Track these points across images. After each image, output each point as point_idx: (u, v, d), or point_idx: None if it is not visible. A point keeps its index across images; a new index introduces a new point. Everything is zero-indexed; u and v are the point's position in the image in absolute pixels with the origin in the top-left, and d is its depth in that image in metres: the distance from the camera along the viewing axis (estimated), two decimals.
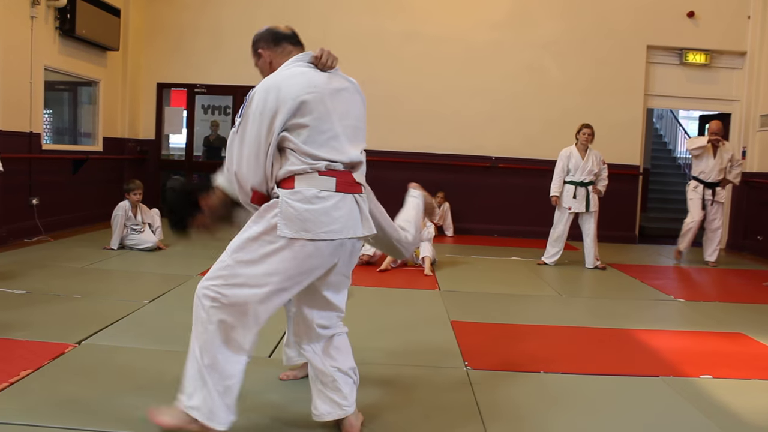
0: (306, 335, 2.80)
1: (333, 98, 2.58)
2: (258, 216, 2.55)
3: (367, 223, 2.66)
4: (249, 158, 2.53)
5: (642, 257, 8.76)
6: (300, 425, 2.87)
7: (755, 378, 3.79)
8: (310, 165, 2.51)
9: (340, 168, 2.57)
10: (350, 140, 2.61)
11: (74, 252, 6.81)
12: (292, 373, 3.45)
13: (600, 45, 9.97)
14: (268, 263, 2.49)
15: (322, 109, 2.53)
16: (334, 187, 2.53)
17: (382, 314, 4.92)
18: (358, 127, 2.69)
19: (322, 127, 2.53)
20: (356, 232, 2.59)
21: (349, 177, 2.60)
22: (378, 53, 9.99)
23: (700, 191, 8.03)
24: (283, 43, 2.83)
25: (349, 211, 2.57)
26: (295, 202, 2.48)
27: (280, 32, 2.88)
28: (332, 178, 2.54)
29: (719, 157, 7.93)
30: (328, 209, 2.51)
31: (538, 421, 3.06)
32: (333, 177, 2.54)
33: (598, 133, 7.62)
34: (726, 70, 10.12)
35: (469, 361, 3.82)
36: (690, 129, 14.68)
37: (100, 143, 9.35)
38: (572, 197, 7.45)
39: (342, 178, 2.56)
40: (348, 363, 2.80)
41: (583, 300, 6.05)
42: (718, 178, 7.98)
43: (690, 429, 3.03)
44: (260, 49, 2.87)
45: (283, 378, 3.41)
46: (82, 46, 8.62)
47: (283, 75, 2.61)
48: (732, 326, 5.04)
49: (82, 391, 3.08)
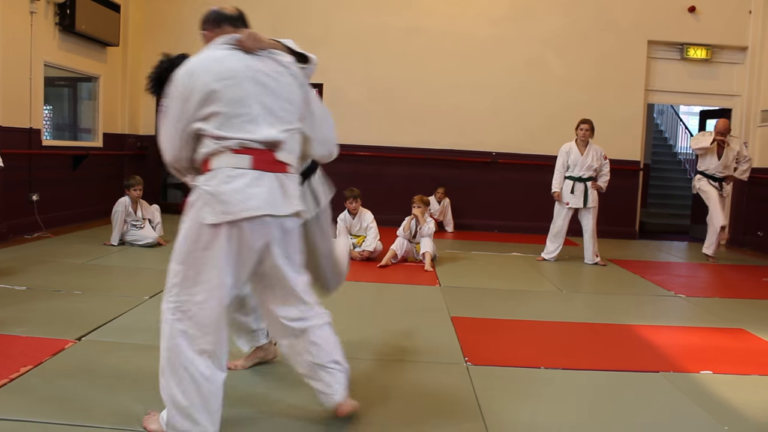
0: (277, 332, 2.76)
1: (254, 82, 2.55)
2: (185, 213, 2.57)
3: (291, 201, 2.59)
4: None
5: (642, 253, 8.76)
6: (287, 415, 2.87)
7: (755, 373, 3.79)
8: (222, 144, 2.49)
9: (257, 146, 2.52)
10: (269, 121, 2.56)
11: (74, 248, 6.81)
12: (239, 362, 3.45)
13: (601, 40, 9.95)
14: (204, 258, 2.48)
15: (238, 93, 2.51)
16: (248, 165, 2.50)
17: (382, 310, 4.92)
18: (287, 108, 2.63)
19: (237, 111, 2.50)
20: (278, 210, 2.53)
21: (268, 156, 2.54)
22: (379, 49, 9.98)
23: (706, 182, 8.07)
24: (224, 25, 2.73)
25: (268, 188, 2.52)
26: (211, 185, 2.48)
27: (222, 13, 2.77)
28: (247, 156, 2.50)
29: (725, 156, 7.96)
30: (243, 187, 2.47)
31: (538, 417, 3.06)
32: (248, 155, 2.50)
33: (599, 128, 7.60)
34: (727, 65, 10.10)
35: (469, 357, 3.82)
36: (691, 124, 14.66)
37: (100, 139, 9.34)
38: (570, 192, 7.44)
39: (259, 156, 2.52)
40: (328, 357, 2.74)
41: (584, 296, 6.05)
42: (724, 174, 8.02)
43: (690, 424, 3.03)
44: (204, 30, 2.79)
45: (230, 367, 3.29)
46: (81, 42, 8.61)
47: (201, 59, 2.58)
48: (732, 322, 5.03)
49: (82, 388, 3.07)
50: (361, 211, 7.04)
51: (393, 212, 8.47)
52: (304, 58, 2.80)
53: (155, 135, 10.19)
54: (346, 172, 10.00)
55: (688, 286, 6.50)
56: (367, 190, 7.18)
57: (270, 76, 2.61)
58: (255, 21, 2.99)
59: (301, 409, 2.96)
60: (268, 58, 2.66)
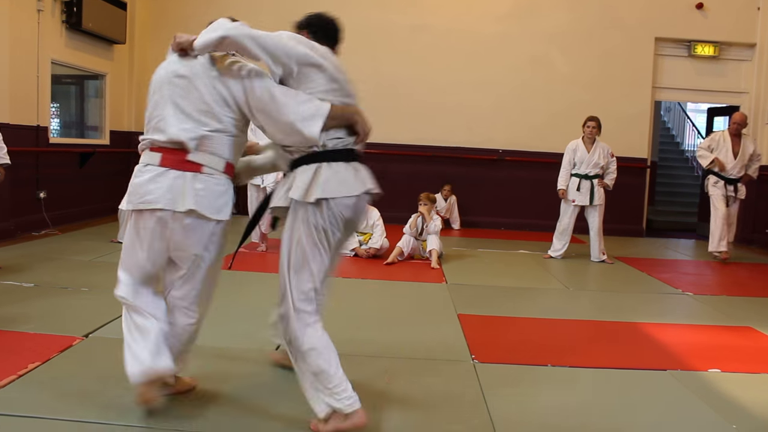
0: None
1: (171, 85, 2.74)
2: None
3: (189, 200, 2.67)
4: None
5: (649, 250, 8.73)
6: None
7: (763, 372, 3.78)
8: (143, 143, 2.78)
9: (167, 146, 2.69)
10: (179, 121, 2.69)
11: (82, 245, 6.83)
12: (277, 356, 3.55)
13: (607, 37, 9.92)
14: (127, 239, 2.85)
15: (157, 97, 2.77)
16: (158, 162, 2.69)
17: (389, 307, 4.92)
18: (203, 109, 2.70)
19: (155, 112, 2.75)
20: (174, 206, 2.66)
21: (179, 155, 2.68)
22: (385, 46, 9.97)
23: (721, 186, 7.77)
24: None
25: (168, 185, 2.66)
26: (133, 177, 2.77)
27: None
28: (157, 154, 2.70)
29: (741, 154, 7.70)
30: (145, 181, 2.69)
31: (545, 414, 3.06)
32: (158, 153, 2.71)
33: (605, 125, 7.58)
34: (735, 62, 10.04)
35: (476, 355, 3.81)
36: (698, 122, 14.60)
37: (107, 137, 9.37)
38: (576, 190, 7.42)
39: (169, 154, 2.69)
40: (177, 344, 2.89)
41: (590, 293, 6.04)
42: (739, 174, 7.77)
43: (698, 423, 3.02)
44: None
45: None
46: (88, 40, 8.63)
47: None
48: (740, 320, 5.02)
49: (90, 384, 3.09)
50: (367, 208, 7.01)
51: (399, 209, 8.46)
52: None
53: None
54: None
55: (696, 284, 6.48)
56: None
57: (186, 78, 2.73)
58: (260, 19, 3.01)
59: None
60: (191, 62, 2.78)
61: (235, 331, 4.10)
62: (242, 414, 2.88)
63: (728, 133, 7.81)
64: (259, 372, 3.42)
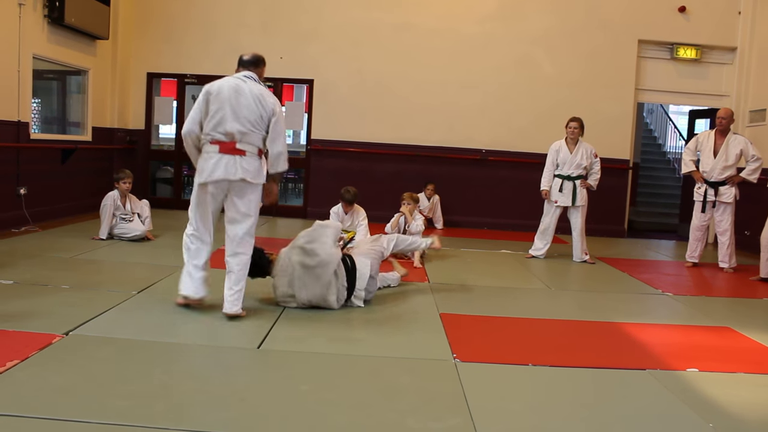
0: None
1: (231, 97, 4.23)
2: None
3: (240, 172, 4.22)
4: None
5: (631, 251, 8.81)
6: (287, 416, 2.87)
7: (741, 371, 3.82)
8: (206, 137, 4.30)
9: (223, 139, 4.23)
10: (233, 121, 4.20)
11: (62, 242, 6.77)
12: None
13: (591, 38, 9.99)
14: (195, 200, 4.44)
15: (219, 104, 4.23)
16: (217, 150, 4.24)
17: (370, 306, 4.92)
18: (246, 116, 4.23)
19: (217, 114, 4.23)
20: (231, 177, 4.23)
21: (230, 144, 4.23)
22: (369, 45, 9.98)
23: (702, 192, 7.44)
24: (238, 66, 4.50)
25: (225, 164, 4.22)
26: (201, 161, 4.35)
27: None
28: (216, 145, 4.25)
29: (723, 154, 7.26)
30: (212, 164, 4.25)
31: (525, 413, 3.08)
32: (217, 144, 4.25)
33: (589, 127, 7.63)
34: (716, 65, 10.16)
35: (457, 354, 3.83)
36: (680, 124, 14.73)
37: (89, 133, 9.28)
38: (559, 191, 7.47)
39: (224, 145, 4.24)
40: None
41: (572, 293, 6.08)
42: (721, 177, 7.30)
43: (676, 422, 3.05)
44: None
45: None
46: (71, 35, 8.55)
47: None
48: (719, 320, 5.08)
49: (70, 382, 3.06)
50: (355, 207, 7.03)
51: (382, 209, 8.48)
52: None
53: (144, 129, 10.17)
54: (336, 168, 10.03)
55: (676, 285, 6.54)
56: (356, 186, 7.16)
57: (243, 94, 4.25)
58: (246, 17, 2.99)
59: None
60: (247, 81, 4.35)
61: (222, 328, 4.08)
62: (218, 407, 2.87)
63: (715, 132, 7.43)
64: (239, 368, 3.41)
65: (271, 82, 10.28)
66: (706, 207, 7.45)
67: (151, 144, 10.66)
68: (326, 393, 3.13)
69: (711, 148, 7.40)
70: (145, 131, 10.45)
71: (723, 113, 7.38)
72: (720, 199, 7.37)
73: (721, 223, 7.41)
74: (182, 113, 10.58)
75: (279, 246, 4.97)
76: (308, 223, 5.22)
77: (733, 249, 7.46)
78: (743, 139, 7.39)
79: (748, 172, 7.28)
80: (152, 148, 10.67)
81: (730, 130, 7.41)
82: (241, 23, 9.96)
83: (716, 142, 7.38)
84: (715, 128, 7.47)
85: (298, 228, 9.33)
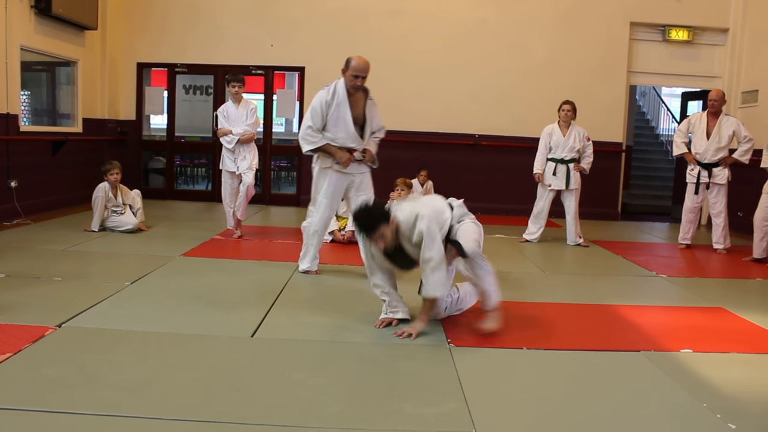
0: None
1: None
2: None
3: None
4: None
5: (624, 234, 8.82)
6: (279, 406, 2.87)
7: (734, 351, 3.83)
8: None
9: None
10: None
11: (54, 234, 6.74)
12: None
13: (583, 21, 9.95)
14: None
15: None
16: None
17: (364, 292, 4.91)
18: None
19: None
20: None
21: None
22: (361, 31, 9.89)
23: (695, 173, 7.42)
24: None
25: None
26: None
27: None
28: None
29: (716, 135, 7.23)
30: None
31: (520, 397, 3.08)
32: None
33: (581, 110, 7.61)
34: (708, 46, 10.13)
35: (451, 338, 3.83)
36: (673, 106, 14.73)
37: (80, 124, 9.23)
38: (552, 174, 7.46)
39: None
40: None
41: (566, 276, 6.09)
42: (715, 158, 7.28)
43: (670, 402, 3.06)
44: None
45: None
46: (58, 25, 8.47)
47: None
48: (712, 301, 5.09)
49: (63, 374, 3.05)
50: None
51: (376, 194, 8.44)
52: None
53: (135, 119, 10.11)
54: None
55: (670, 267, 6.55)
56: None
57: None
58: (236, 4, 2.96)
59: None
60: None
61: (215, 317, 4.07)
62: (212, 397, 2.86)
63: (707, 114, 7.39)
64: (233, 357, 3.41)
65: (262, 70, 10.23)
66: (699, 189, 7.44)
67: (143, 134, 10.60)
68: (321, 380, 3.13)
69: (704, 129, 7.37)
70: (136, 122, 10.38)
71: (714, 95, 7.35)
72: (714, 180, 7.35)
73: (716, 204, 7.40)
74: (173, 103, 10.53)
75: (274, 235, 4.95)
76: (301, 210, 5.21)
77: (728, 230, 7.47)
78: (735, 121, 7.37)
79: (740, 153, 7.26)
80: (144, 139, 10.61)
81: (722, 111, 7.38)
82: (231, 11, 9.88)
83: (709, 123, 7.35)
84: (707, 110, 7.44)
85: (291, 215, 9.42)
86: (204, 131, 10.79)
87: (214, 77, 10.31)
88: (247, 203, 7.13)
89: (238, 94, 6.96)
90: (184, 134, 11.04)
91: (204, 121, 10.77)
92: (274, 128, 10.86)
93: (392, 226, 3.79)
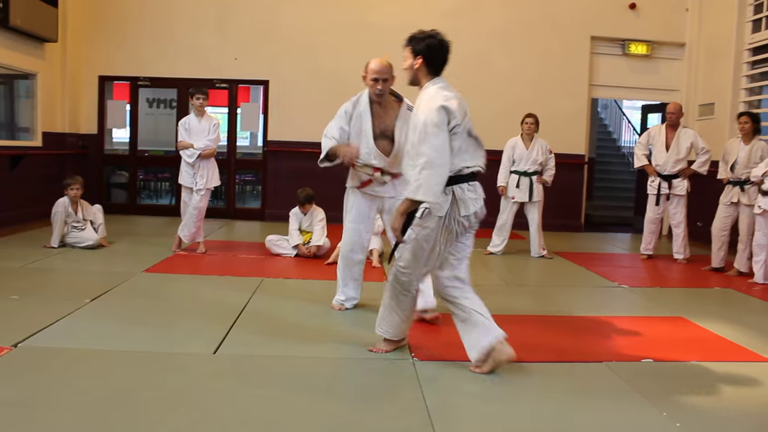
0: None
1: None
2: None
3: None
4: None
5: (588, 245, 8.93)
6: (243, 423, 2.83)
7: (694, 360, 3.90)
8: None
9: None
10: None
11: (12, 251, 6.59)
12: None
13: (545, 35, 10.10)
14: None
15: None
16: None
17: (328, 307, 4.89)
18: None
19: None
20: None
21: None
22: (325, 45, 9.90)
23: (655, 185, 7.58)
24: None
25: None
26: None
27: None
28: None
29: (675, 147, 7.41)
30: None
31: (483, 410, 3.09)
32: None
33: (544, 123, 7.70)
34: (666, 60, 10.37)
35: (415, 352, 3.83)
36: (634, 119, 15.01)
37: (40, 138, 9.05)
38: (515, 187, 7.54)
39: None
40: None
41: (530, 288, 6.14)
42: (674, 170, 7.46)
43: (631, 412, 3.09)
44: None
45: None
46: (17, 37, 8.31)
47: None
48: (673, 310, 5.18)
49: (19, 396, 2.97)
50: (313, 208, 7.01)
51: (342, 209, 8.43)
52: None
53: (97, 133, 9.92)
54: (295, 169, 9.94)
55: (631, 277, 6.65)
56: (315, 187, 7.13)
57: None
58: (200, 18, 2.94)
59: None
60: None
61: (177, 334, 4.01)
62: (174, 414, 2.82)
63: (666, 126, 7.58)
64: (195, 374, 3.36)
65: (226, 83, 10.18)
66: (660, 200, 7.59)
67: (105, 148, 10.45)
68: (282, 397, 3.10)
69: (663, 142, 7.55)
70: (97, 136, 10.23)
71: (672, 108, 7.55)
72: (674, 191, 7.51)
73: (675, 215, 7.56)
74: (136, 117, 10.40)
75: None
76: (266, 225, 5.17)
77: (687, 240, 7.61)
78: (692, 133, 7.56)
79: (698, 165, 7.43)
80: (105, 153, 10.46)
81: (680, 123, 7.57)
82: (196, 24, 9.82)
83: (668, 136, 7.54)
84: (666, 122, 7.62)
85: (255, 230, 9.35)
86: (168, 145, 10.67)
87: (178, 91, 10.22)
88: (197, 224, 6.88)
89: (202, 107, 6.89)
90: (148, 148, 10.92)
91: (168, 135, 10.64)
92: (238, 142, 10.79)
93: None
